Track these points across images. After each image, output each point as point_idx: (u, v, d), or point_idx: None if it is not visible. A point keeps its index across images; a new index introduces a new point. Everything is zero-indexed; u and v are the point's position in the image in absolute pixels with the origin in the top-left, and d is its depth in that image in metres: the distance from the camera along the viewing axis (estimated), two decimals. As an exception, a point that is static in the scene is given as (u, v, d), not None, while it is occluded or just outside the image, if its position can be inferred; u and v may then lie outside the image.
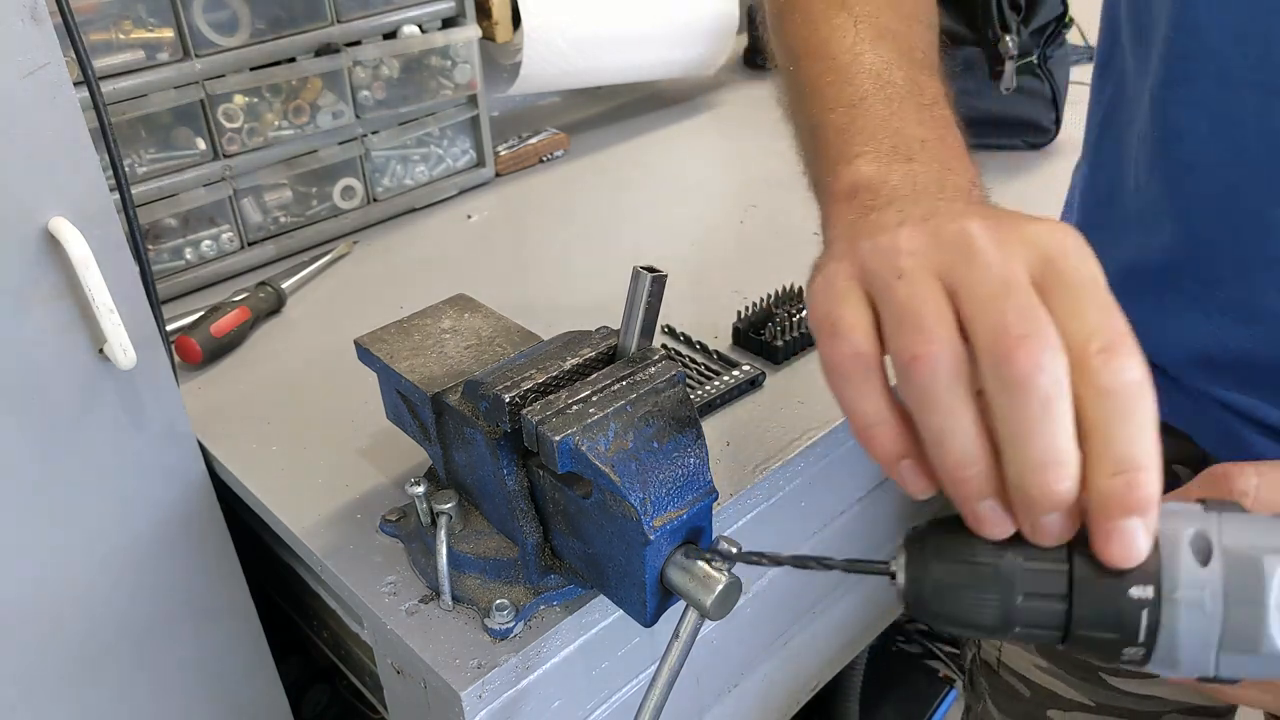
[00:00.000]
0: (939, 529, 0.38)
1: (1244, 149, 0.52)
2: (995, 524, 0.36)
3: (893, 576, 0.39)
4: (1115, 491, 0.33)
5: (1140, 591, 0.34)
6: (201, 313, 0.86)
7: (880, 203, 0.43)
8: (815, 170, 0.52)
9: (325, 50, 0.96)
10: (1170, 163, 0.56)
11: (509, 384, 0.53)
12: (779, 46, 0.61)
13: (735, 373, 0.77)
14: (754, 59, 1.46)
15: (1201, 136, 0.54)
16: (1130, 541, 0.33)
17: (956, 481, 0.36)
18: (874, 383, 0.38)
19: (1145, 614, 0.34)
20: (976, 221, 0.37)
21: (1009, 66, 1.09)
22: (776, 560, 0.44)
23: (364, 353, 0.64)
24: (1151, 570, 0.34)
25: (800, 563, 0.43)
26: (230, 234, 0.96)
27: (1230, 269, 0.55)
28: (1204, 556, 0.34)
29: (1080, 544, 0.35)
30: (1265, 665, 0.34)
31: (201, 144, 0.91)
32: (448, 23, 1.04)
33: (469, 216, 1.09)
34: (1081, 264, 0.36)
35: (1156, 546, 0.34)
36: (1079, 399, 0.34)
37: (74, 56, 0.62)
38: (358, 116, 1.00)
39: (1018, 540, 0.36)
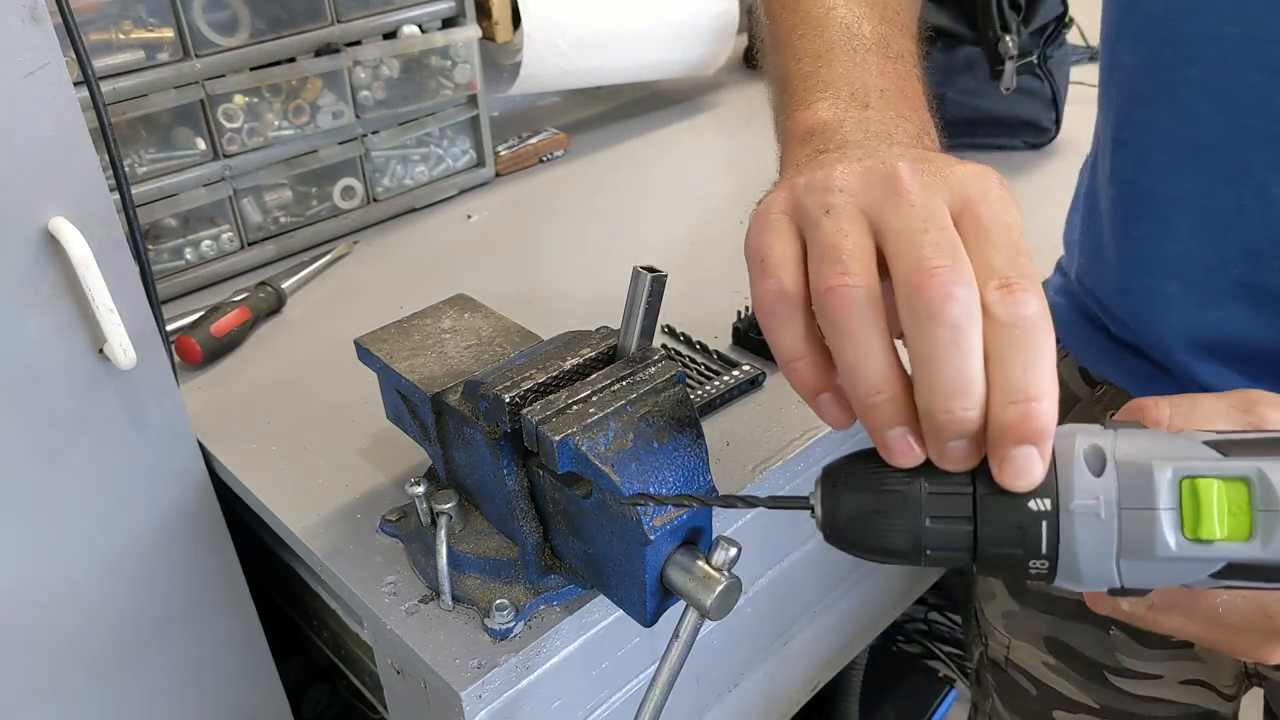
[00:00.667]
0: (852, 462, 0.39)
1: (1248, 129, 0.53)
2: (904, 452, 0.37)
3: (812, 510, 0.40)
4: (1011, 420, 0.34)
5: (1039, 505, 0.35)
6: (201, 313, 0.86)
7: (831, 146, 0.45)
8: (779, 117, 0.55)
9: (325, 50, 0.96)
10: (1178, 145, 0.57)
11: (509, 384, 0.53)
12: (763, 3, 0.64)
13: (735, 373, 0.77)
14: (754, 59, 1.46)
15: (1205, 118, 0.54)
16: (1025, 467, 0.35)
17: (868, 409, 0.37)
18: (797, 319, 0.40)
19: (1045, 527, 0.35)
20: (906, 163, 0.39)
21: (1009, 66, 1.09)
22: (703, 500, 0.46)
23: (364, 353, 0.64)
24: (1049, 485, 0.35)
25: (727, 502, 0.44)
26: (230, 234, 0.96)
27: (1237, 251, 0.55)
28: (1098, 468, 0.36)
29: (983, 468, 0.36)
30: (1163, 571, 0.35)
31: (201, 144, 0.91)
32: (448, 23, 1.04)
33: (469, 216, 1.08)
34: (999, 207, 0.38)
35: (1054, 463, 0.36)
36: (984, 334, 0.35)
37: (74, 56, 0.62)
38: (358, 116, 1.00)
39: (926, 469, 0.37)
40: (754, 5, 0.67)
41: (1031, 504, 0.36)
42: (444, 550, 0.58)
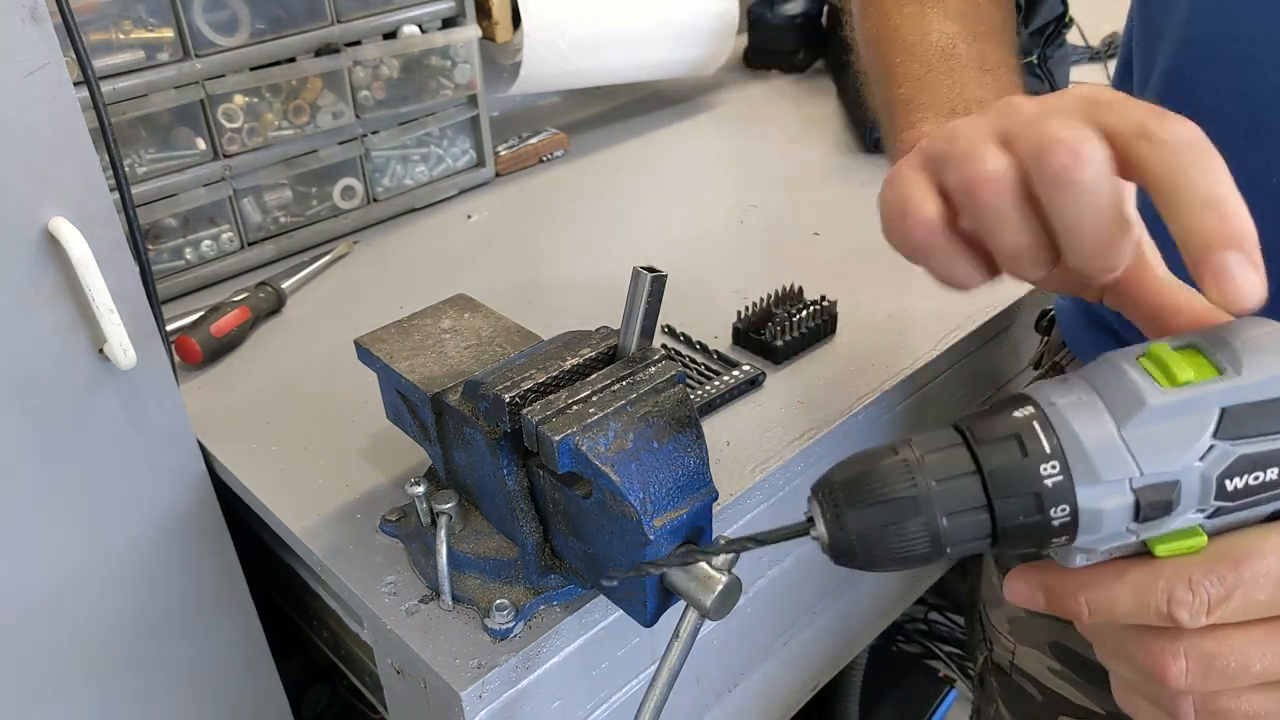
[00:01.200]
0: (844, 474, 0.38)
1: (1269, 130, 0.52)
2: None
3: (814, 536, 0.39)
4: (1211, 225, 0.33)
5: (1049, 469, 0.35)
6: (201, 313, 0.86)
7: None
8: (888, 144, 0.56)
9: (325, 50, 0.96)
10: None
11: (509, 384, 0.53)
12: (861, 38, 0.65)
13: (735, 373, 0.77)
14: (754, 59, 1.46)
15: (1225, 120, 0.54)
16: (1242, 276, 0.33)
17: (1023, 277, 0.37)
18: (954, 243, 0.40)
19: (1037, 426, 0.35)
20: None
21: (1009, 66, 1.09)
22: (718, 550, 0.45)
23: (364, 353, 0.64)
24: (1054, 447, 0.35)
25: (737, 546, 0.43)
26: (230, 234, 0.96)
27: (1261, 254, 0.55)
28: (1063, 381, 0.36)
29: (983, 445, 0.36)
30: (1168, 436, 0.34)
31: (201, 144, 0.91)
32: (448, 23, 1.04)
33: (469, 216, 1.09)
34: (1123, 97, 0.37)
35: (1053, 428, 0.35)
36: (1145, 166, 0.34)
37: (74, 56, 0.62)
38: (358, 116, 1.00)
39: (923, 465, 0.36)
40: (851, 40, 0.68)
41: (1044, 468, 0.35)
42: (444, 550, 0.58)
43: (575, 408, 0.51)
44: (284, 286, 0.92)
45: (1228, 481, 0.34)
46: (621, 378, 0.53)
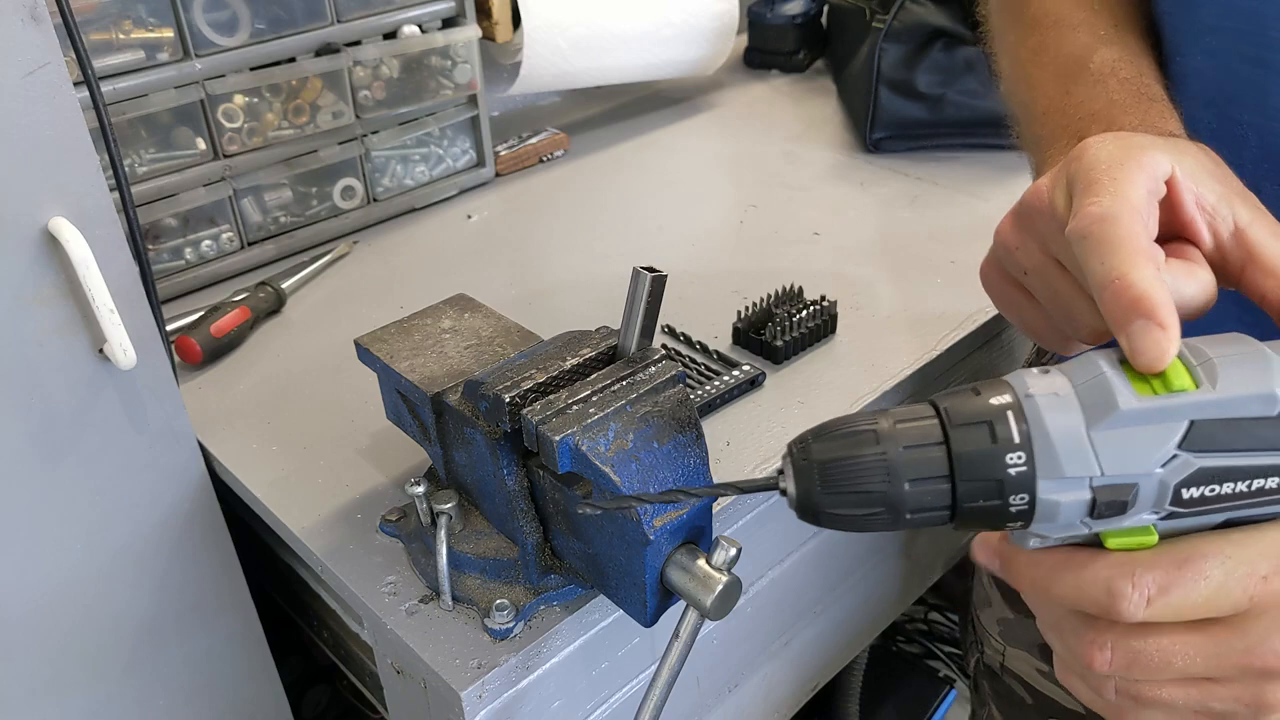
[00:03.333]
0: (819, 435, 0.39)
1: (1238, 123, 0.53)
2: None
3: (783, 491, 0.40)
4: (1109, 304, 0.37)
5: (1015, 459, 0.36)
6: (201, 313, 0.86)
7: None
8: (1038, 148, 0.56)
9: (325, 50, 0.96)
10: None
11: (509, 384, 0.53)
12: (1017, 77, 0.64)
13: (735, 373, 0.77)
14: (754, 59, 1.46)
15: (1197, 112, 0.54)
16: (1146, 341, 0.36)
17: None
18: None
19: (1010, 415, 0.36)
20: None
21: (1009, 66, 1.09)
22: (663, 498, 0.45)
23: (364, 353, 0.64)
24: (1023, 437, 0.36)
25: (719, 490, 0.43)
26: (230, 234, 0.96)
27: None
28: (1045, 373, 0.37)
29: (954, 424, 0.37)
30: (1135, 440, 0.35)
31: (201, 144, 0.91)
32: (448, 23, 1.04)
33: (469, 216, 1.09)
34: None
35: (1025, 419, 0.36)
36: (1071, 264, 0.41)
37: (74, 56, 0.62)
38: (358, 116, 1.00)
39: (895, 430, 0.37)
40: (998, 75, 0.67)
41: (1009, 457, 0.36)
42: (444, 550, 0.58)
43: (575, 408, 0.51)
44: (284, 286, 0.92)
45: (1185, 490, 0.35)
46: (621, 378, 0.53)
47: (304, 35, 0.94)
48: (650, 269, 0.52)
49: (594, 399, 0.52)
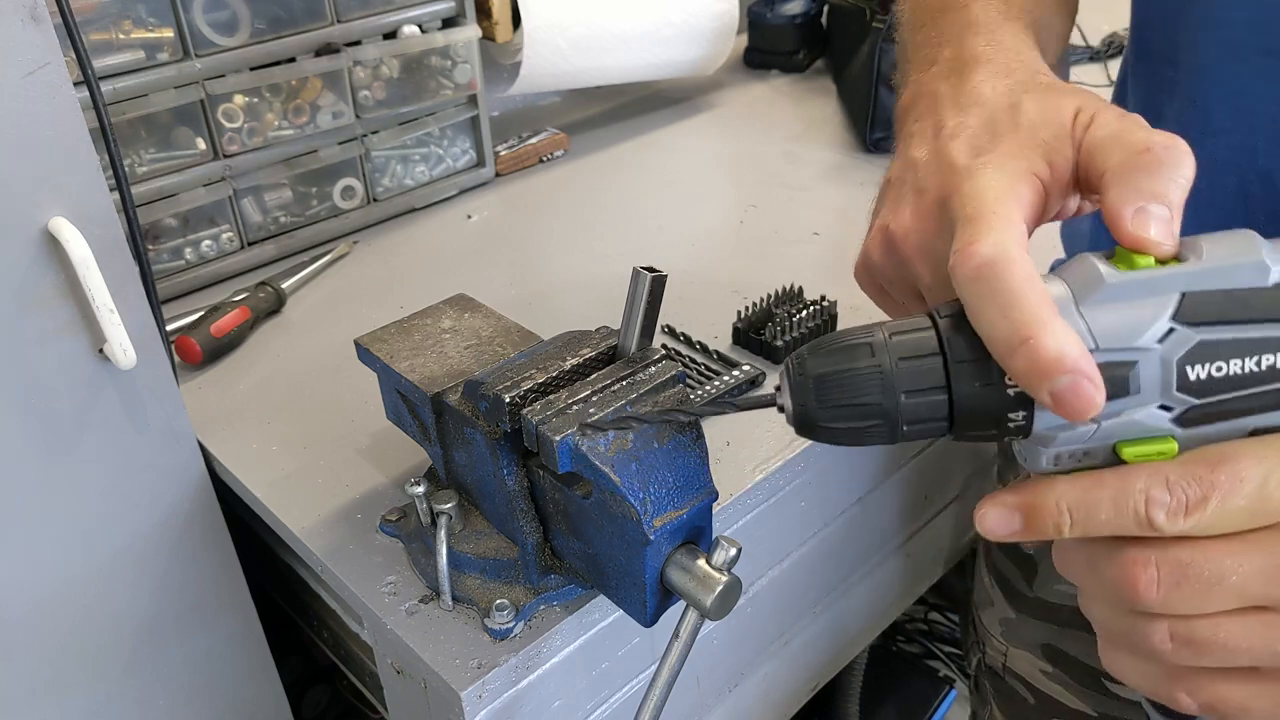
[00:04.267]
0: (815, 348, 0.38)
1: (1253, 113, 0.53)
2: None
3: (780, 408, 0.39)
4: (1021, 368, 0.34)
5: None
6: (201, 313, 0.86)
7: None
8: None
9: (325, 50, 0.96)
10: (1184, 131, 0.57)
11: (509, 384, 0.53)
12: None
13: (735, 373, 0.77)
14: (754, 59, 1.46)
15: (1210, 104, 0.54)
16: (1071, 396, 0.34)
17: None
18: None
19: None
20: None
21: (1009, 66, 1.09)
22: (695, 412, 0.45)
23: (364, 353, 0.64)
24: None
25: (714, 409, 0.44)
26: (230, 234, 0.96)
27: None
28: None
29: (949, 327, 0.36)
30: (1125, 315, 0.34)
31: (201, 144, 0.91)
32: (448, 23, 1.04)
33: (469, 216, 1.09)
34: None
35: None
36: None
37: (74, 56, 0.62)
38: (358, 116, 1.00)
39: (892, 343, 0.37)
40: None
41: None
42: (444, 550, 0.58)
43: (575, 408, 0.51)
44: (284, 286, 0.92)
45: (1189, 369, 0.34)
46: (621, 378, 0.53)
47: (304, 35, 0.94)
48: (650, 269, 0.52)
49: (594, 399, 0.52)
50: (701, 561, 0.51)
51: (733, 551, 0.50)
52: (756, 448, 0.71)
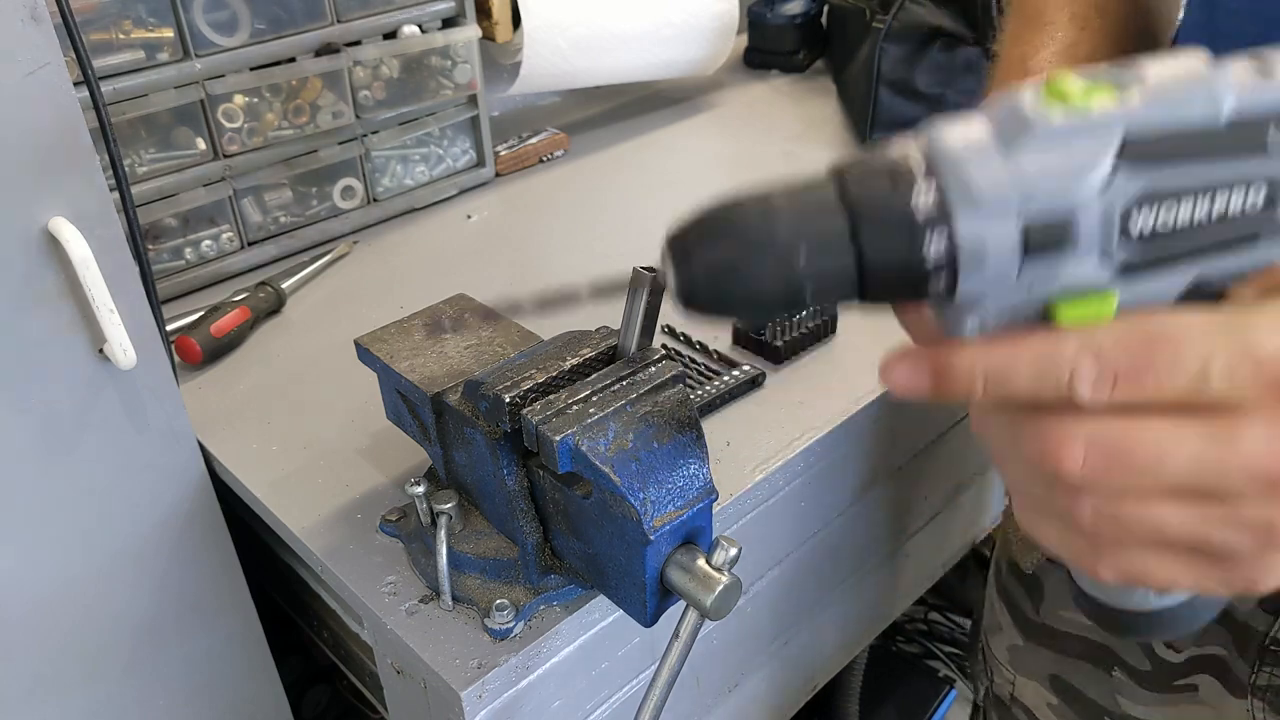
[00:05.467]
0: (702, 220, 0.35)
1: None
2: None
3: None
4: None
5: (922, 191, 0.31)
6: (201, 313, 0.86)
7: None
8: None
9: (325, 50, 0.96)
10: None
11: (509, 384, 0.53)
12: None
13: (735, 373, 0.77)
14: (754, 59, 1.46)
15: None
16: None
17: None
18: None
19: (933, 208, 0.31)
20: None
21: (1009, 66, 1.09)
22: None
23: (364, 353, 0.64)
24: (929, 171, 0.31)
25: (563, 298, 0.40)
26: (230, 234, 0.96)
27: None
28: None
29: (851, 180, 0.32)
30: (1057, 159, 0.30)
31: (201, 144, 0.91)
32: (448, 23, 1.04)
33: (469, 216, 1.08)
34: None
35: (933, 156, 0.31)
36: None
37: (74, 56, 0.62)
38: (358, 116, 1.00)
39: (782, 199, 0.33)
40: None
41: (894, 153, 0.32)
42: (444, 550, 0.58)
43: (575, 408, 0.51)
44: (284, 286, 0.92)
45: (1134, 218, 0.30)
46: (621, 378, 0.53)
47: (304, 35, 0.94)
48: (650, 269, 0.52)
49: (594, 399, 0.52)
50: (701, 561, 0.51)
51: (733, 551, 0.50)
52: (756, 448, 0.71)
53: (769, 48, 1.44)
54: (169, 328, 0.83)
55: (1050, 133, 0.30)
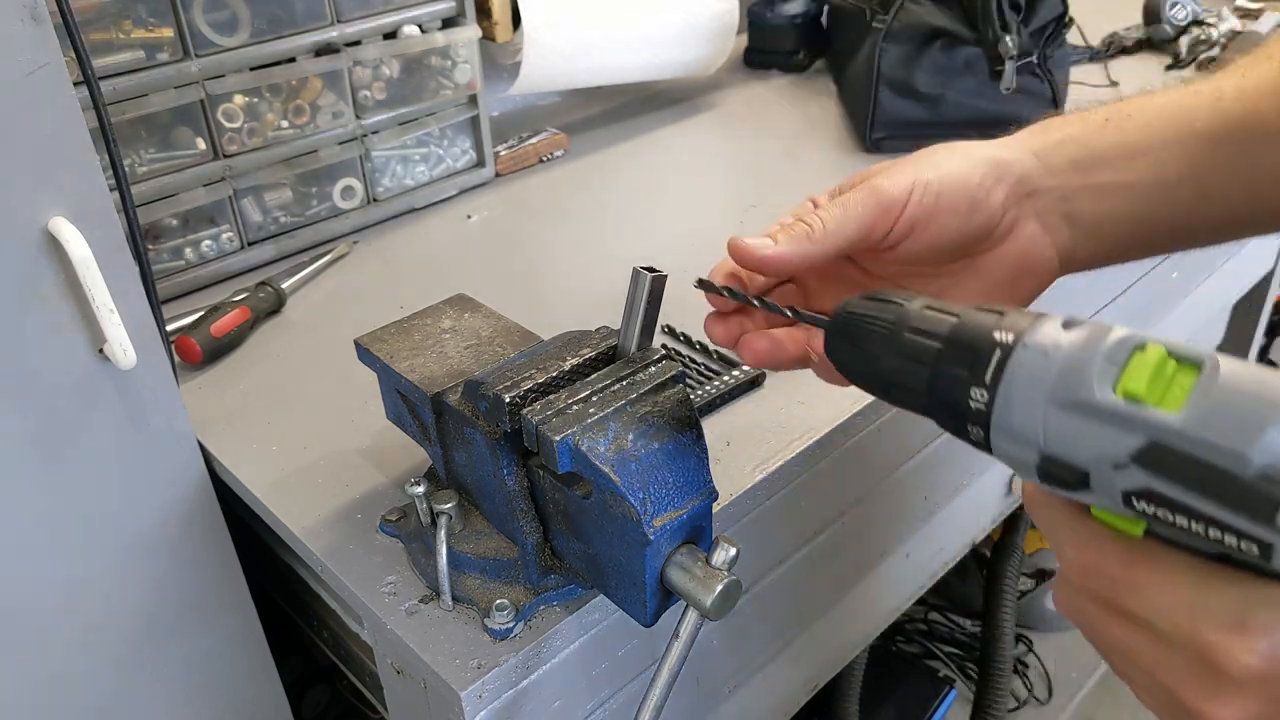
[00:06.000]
0: (866, 294, 0.44)
1: None
2: None
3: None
4: None
5: (978, 395, 0.37)
6: (201, 313, 0.86)
7: None
8: None
9: (325, 50, 0.96)
10: None
11: (509, 384, 0.53)
12: None
13: (735, 373, 0.77)
14: (754, 59, 1.46)
15: None
16: None
17: None
18: None
19: (997, 356, 0.36)
20: None
21: (1009, 66, 1.09)
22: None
23: (364, 353, 0.64)
24: (992, 380, 0.36)
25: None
26: (230, 234, 0.96)
27: None
28: (1072, 326, 0.36)
29: (952, 337, 0.39)
30: (1087, 432, 0.33)
31: (201, 144, 0.91)
32: (448, 23, 1.04)
33: (469, 216, 1.09)
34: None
35: (1004, 365, 0.36)
36: None
37: (74, 56, 0.62)
38: (358, 116, 1.00)
39: (919, 311, 0.40)
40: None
41: (997, 334, 0.37)
42: (444, 550, 0.58)
43: (575, 408, 0.51)
44: (284, 286, 0.92)
45: (1136, 501, 0.33)
46: (621, 378, 0.53)
47: (304, 35, 0.94)
48: (650, 269, 0.52)
49: (594, 399, 0.52)
50: (701, 561, 0.51)
51: (733, 551, 0.50)
52: (756, 448, 0.71)
53: (769, 48, 1.44)
54: (169, 328, 0.83)
55: (1095, 409, 0.33)
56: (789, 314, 0.48)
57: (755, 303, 0.51)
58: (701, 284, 0.53)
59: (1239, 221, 0.53)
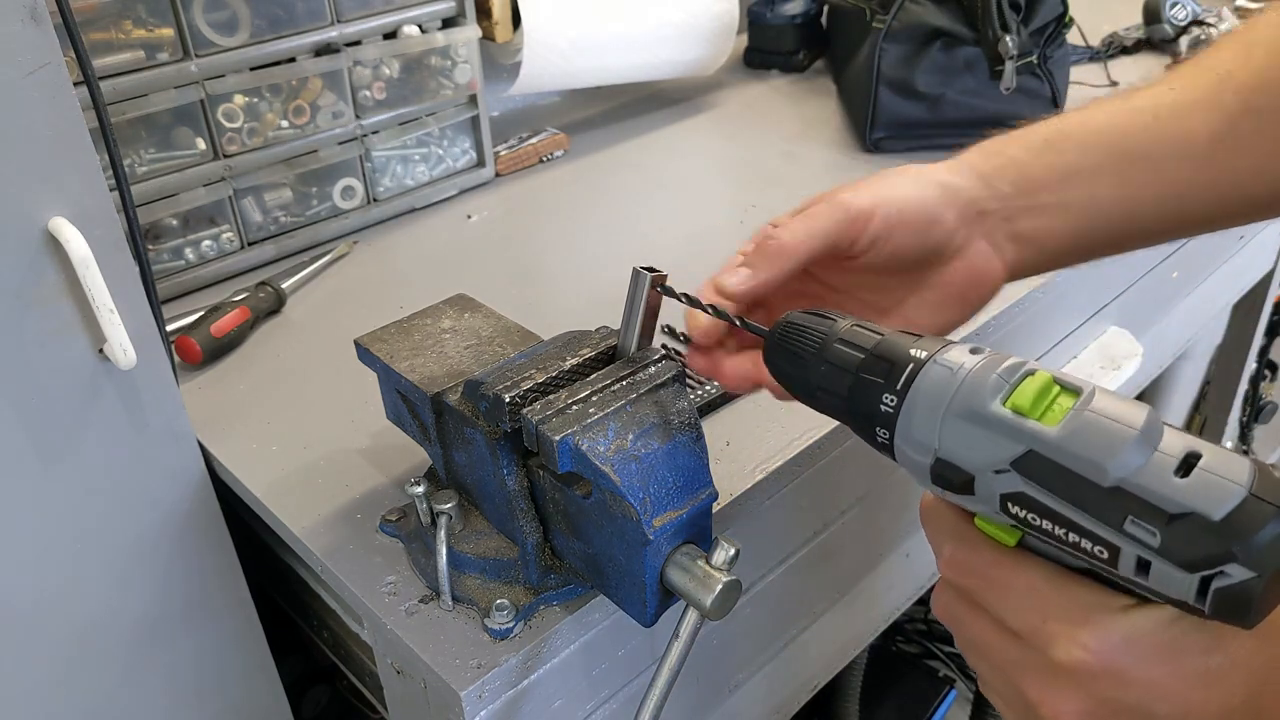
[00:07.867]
0: (806, 309, 0.47)
1: None
2: None
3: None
4: None
5: (888, 400, 0.41)
6: (201, 313, 0.86)
7: None
8: None
9: (325, 50, 0.96)
10: None
11: (509, 384, 0.53)
12: None
13: (735, 373, 0.77)
14: (754, 59, 1.46)
15: None
16: None
17: None
18: None
19: (911, 365, 0.41)
20: None
21: (1009, 66, 1.09)
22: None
23: (364, 353, 0.64)
24: (900, 389, 0.41)
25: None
26: (230, 234, 0.96)
27: None
28: (979, 353, 0.40)
29: (874, 350, 0.43)
30: (977, 440, 0.38)
31: (201, 144, 0.91)
32: (448, 23, 1.04)
33: (469, 216, 1.09)
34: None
35: (915, 377, 0.40)
36: None
37: (74, 56, 0.62)
38: (358, 116, 1.00)
39: (847, 329, 0.44)
40: None
41: (913, 350, 0.41)
42: (444, 550, 0.58)
43: (575, 408, 0.51)
44: (284, 286, 0.92)
45: (1011, 505, 0.37)
46: (621, 378, 0.53)
47: (304, 35, 0.94)
48: (650, 269, 0.52)
49: (594, 399, 0.52)
50: (701, 561, 0.51)
51: (732, 551, 0.50)
52: (756, 448, 0.71)
53: (769, 48, 1.44)
54: (169, 328, 0.83)
55: (985, 418, 0.38)
56: (737, 323, 0.51)
57: (709, 310, 0.52)
58: (664, 290, 0.54)
59: (1166, 231, 0.58)
